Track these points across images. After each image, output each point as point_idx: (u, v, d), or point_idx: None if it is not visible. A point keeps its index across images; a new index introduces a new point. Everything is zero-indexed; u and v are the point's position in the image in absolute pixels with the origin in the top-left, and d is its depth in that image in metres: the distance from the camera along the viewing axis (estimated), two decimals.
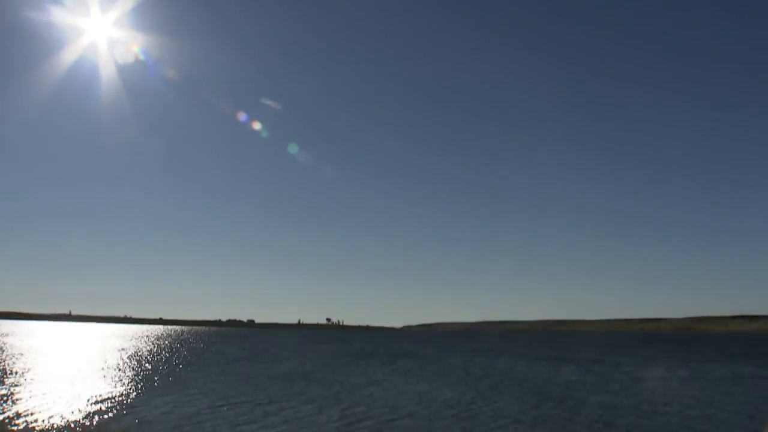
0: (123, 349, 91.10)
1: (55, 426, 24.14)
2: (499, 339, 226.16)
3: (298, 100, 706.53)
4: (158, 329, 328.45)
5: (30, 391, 35.09)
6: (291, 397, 35.42)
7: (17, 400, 31.70)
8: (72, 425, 24.46)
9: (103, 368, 54.27)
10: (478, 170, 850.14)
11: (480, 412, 30.35)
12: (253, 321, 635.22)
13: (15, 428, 23.15)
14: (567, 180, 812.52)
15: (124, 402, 31.96)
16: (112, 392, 35.95)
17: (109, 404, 30.92)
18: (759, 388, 43.82)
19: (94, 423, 25.18)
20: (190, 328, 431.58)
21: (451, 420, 27.67)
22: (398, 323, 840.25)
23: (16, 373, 47.09)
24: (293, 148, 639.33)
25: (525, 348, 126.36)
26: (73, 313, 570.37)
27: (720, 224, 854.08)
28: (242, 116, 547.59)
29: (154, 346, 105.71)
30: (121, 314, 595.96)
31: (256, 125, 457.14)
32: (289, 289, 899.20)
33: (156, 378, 45.83)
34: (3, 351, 74.89)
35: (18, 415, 26.76)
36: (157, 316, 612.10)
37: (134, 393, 36.04)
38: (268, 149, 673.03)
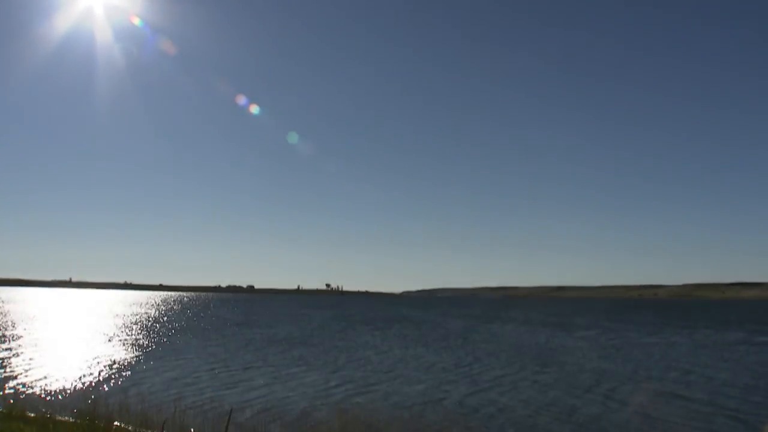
0: (122, 315, 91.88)
1: (51, 390, 24.50)
2: (498, 305, 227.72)
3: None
4: (158, 295, 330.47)
5: (28, 356, 35.51)
6: (288, 361, 35.84)
7: (15, 364, 32.10)
8: (70, 389, 24.82)
9: (102, 334, 54.82)
10: (477, 140, 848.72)
11: (475, 376, 30.73)
12: (252, 286, 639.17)
13: (12, 392, 23.49)
14: (566, 148, 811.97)
15: (122, 366, 32.37)
16: (110, 356, 36.39)
17: (107, 368, 31.32)
18: (750, 354, 44.27)
19: (92, 386, 25.55)
20: (190, 293, 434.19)
21: (446, 384, 28.02)
22: (397, 288, 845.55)
23: (16, 338, 47.57)
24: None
25: (523, 314, 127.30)
26: (74, 279, 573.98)
27: (718, 193, 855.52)
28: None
29: (154, 312, 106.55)
30: (122, 280, 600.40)
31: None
32: (288, 255, 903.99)
33: (154, 342, 46.31)
34: (3, 317, 75.51)
35: (15, 380, 27.14)
36: (157, 282, 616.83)
37: (132, 357, 36.48)
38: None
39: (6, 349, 38.26)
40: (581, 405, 23.16)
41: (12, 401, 18.22)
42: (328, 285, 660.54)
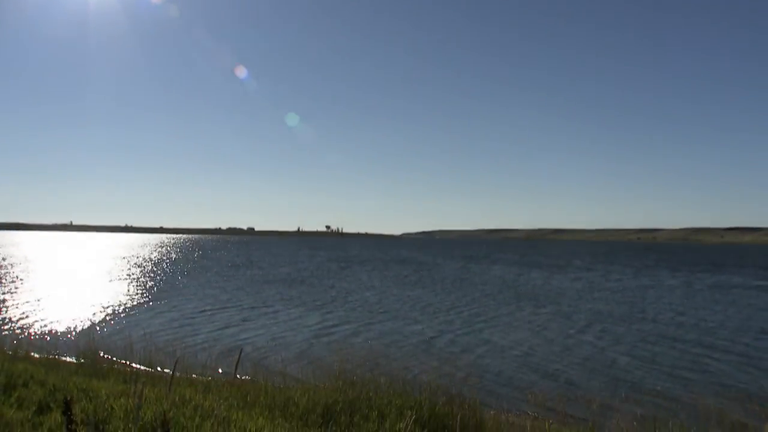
0: (123, 258, 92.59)
1: (55, 332, 24.94)
2: (497, 247, 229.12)
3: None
4: (159, 238, 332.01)
5: (30, 299, 35.96)
6: (287, 301, 36.33)
7: (18, 307, 32.55)
8: (73, 330, 25.26)
9: (102, 276, 55.39)
10: (476, 82, 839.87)
11: (470, 316, 31.15)
12: (252, 229, 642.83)
13: (16, 334, 23.90)
14: (566, 88, 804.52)
15: (123, 308, 32.86)
16: (111, 299, 36.90)
17: (109, 310, 31.80)
18: (743, 297, 44.83)
19: (94, 328, 26.00)
20: (190, 236, 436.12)
21: (441, 324, 28.44)
22: (397, 230, 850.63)
23: (17, 281, 48.06)
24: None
25: (521, 256, 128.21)
26: (74, 223, 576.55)
27: (719, 137, 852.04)
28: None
29: (154, 254, 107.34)
30: (122, 223, 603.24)
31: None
32: (289, 197, 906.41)
33: (155, 285, 46.85)
34: (3, 260, 76.06)
35: (18, 322, 27.58)
36: (157, 225, 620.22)
37: (133, 299, 36.99)
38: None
39: (8, 292, 38.74)
40: (571, 345, 23.64)
41: (16, 343, 18.57)
42: (328, 227, 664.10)
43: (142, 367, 14.78)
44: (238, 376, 13.55)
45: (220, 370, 16.65)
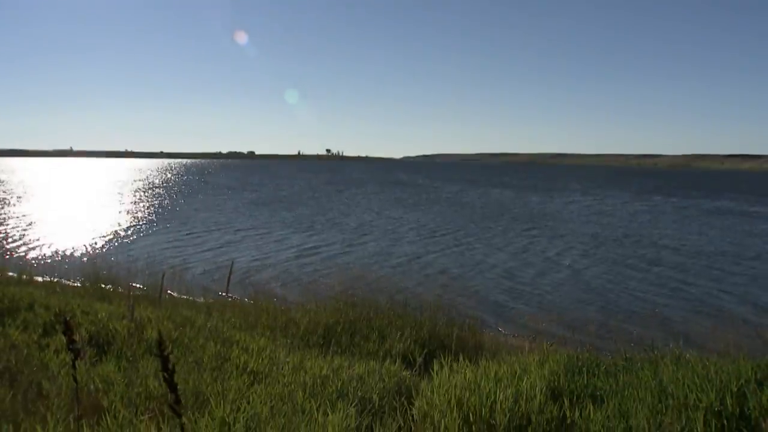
0: (123, 183, 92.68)
1: (57, 257, 25.16)
2: (497, 170, 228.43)
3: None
4: (159, 162, 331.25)
5: (32, 225, 36.19)
6: (284, 223, 36.40)
7: (21, 233, 32.77)
8: (74, 255, 25.49)
9: (103, 202, 55.57)
10: (480, 7, 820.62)
11: (468, 239, 31.23)
12: (253, 152, 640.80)
13: (19, 259, 24.08)
14: (570, 16, 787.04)
15: (123, 232, 33.16)
16: (111, 224, 37.21)
17: (109, 235, 32.08)
18: (736, 222, 44.64)
19: (96, 252, 26.23)
20: (190, 160, 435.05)
21: (439, 246, 28.52)
22: (397, 154, 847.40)
23: (19, 207, 48.23)
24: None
25: (521, 180, 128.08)
26: (74, 149, 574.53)
27: (721, 63, 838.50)
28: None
29: (154, 179, 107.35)
30: (122, 149, 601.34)
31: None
32: (289, 121, 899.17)
33: (154, 209, 47.04)
34: (4, 186, 76.06)
35: (21, 247, 27.79)
36: (158, 150, 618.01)
37: (132, 224, 37.31)
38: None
39: (10, 218, 38.90)
40: (566, 268, 23.75)
41: (20, 267, 18.74)
42: (328, 150, 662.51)
43: (144, 289, 14.94)
44: (231, 294, 13.70)
45: (216, 291, 16.86)
